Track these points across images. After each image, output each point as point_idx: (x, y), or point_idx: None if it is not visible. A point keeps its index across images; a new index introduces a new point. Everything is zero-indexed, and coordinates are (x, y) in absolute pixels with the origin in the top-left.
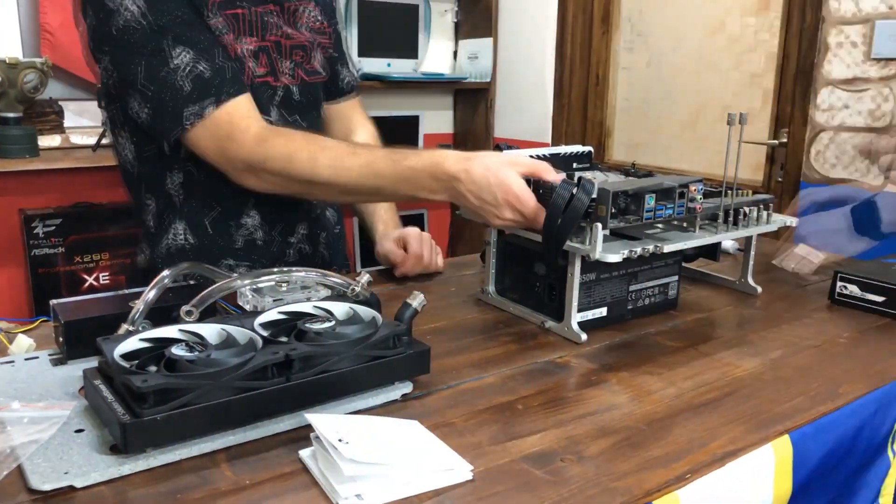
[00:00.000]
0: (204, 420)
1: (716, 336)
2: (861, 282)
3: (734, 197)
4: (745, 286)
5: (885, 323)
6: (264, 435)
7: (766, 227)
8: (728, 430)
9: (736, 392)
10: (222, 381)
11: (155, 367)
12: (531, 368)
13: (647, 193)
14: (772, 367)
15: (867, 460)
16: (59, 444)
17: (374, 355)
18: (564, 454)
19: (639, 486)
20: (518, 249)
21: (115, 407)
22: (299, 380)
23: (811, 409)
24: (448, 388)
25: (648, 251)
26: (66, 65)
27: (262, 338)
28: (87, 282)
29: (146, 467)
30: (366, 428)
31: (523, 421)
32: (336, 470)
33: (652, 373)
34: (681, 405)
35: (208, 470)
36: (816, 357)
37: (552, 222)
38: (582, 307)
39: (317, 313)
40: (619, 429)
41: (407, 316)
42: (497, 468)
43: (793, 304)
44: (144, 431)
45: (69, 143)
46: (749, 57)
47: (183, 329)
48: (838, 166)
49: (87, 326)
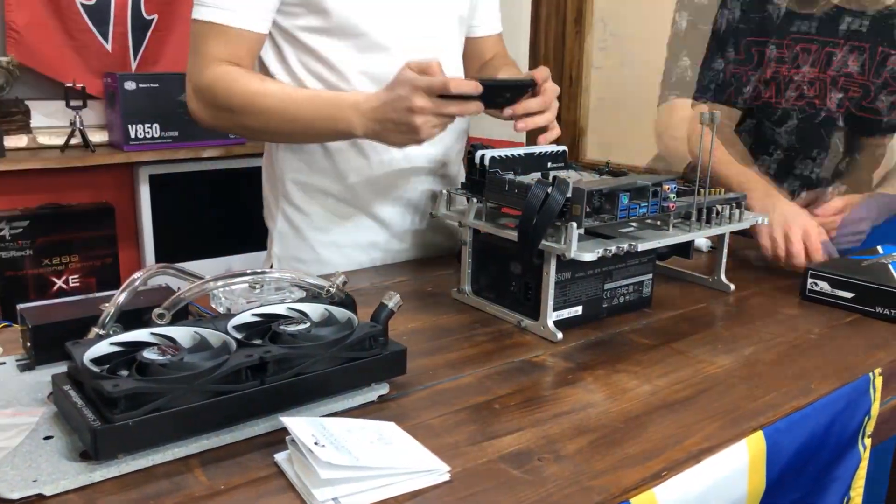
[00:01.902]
0: (177, 424)
1: (690, 333)
2: (832, 279)
3: (707, 195)
4: (718, 284)
5: (855, 319)
6: (239, 439)
7: (739, 225)
8: (703, 427)
9: (710, 389)
10: (195, 384)
11: (126, 372)
12: (508, 368)
13: (621, 192)
14: (745, 364)
15: (838, 454)
16: (28, 452)
17: (350, 357)
18: (541, 453)
19: (616, 485)
20: (494, 249)
21: (85, 412)
22: (274, 382)
23: (784, 404)
24: (425, 388)
25: (623, 250)
26: (33, 63)
27: (235, 340)
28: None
29: (118, 473)
30: (342, 430)
31: (500, 420)
32: (312, 473)
33: (627, 371)
34: (656, 403)
35: (182, 475)
36: (788, 353)
37: (527, 222)
38: (557, 306)
39: (291, 315)
40: (595, 427)
41: (383, 317)
42: (474, 468)
43: (765, 301)
44: (115, 437)
45: (36, 144)
46: None
47: (155, 332)
48: None
49: (55, 331)
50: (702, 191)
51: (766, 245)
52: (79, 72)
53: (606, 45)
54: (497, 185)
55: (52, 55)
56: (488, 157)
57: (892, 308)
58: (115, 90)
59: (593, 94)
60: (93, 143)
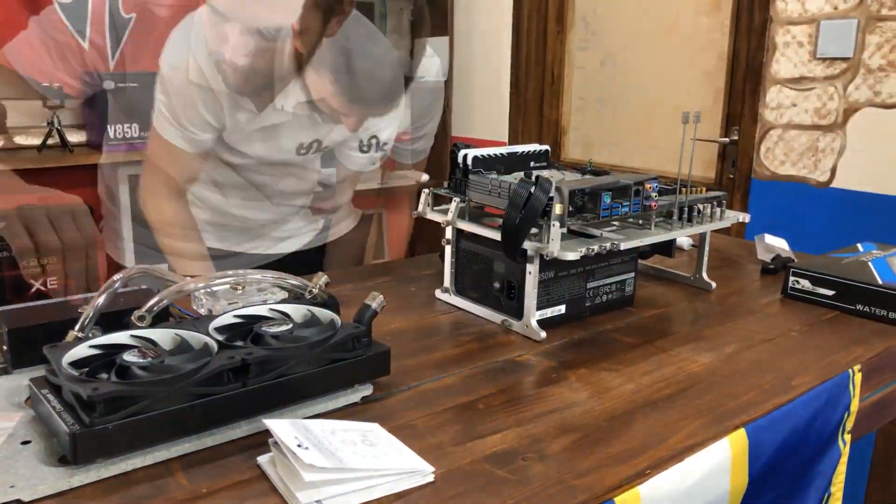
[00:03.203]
0: (158, 428)
1: (672, 332)
2: (812, 276)
3: (688, 194)
4: (699, 282)
5: (835, 315)
6: (221, 441)
7: (720, 224)
8: (686, 425)
9: (692, 387)
10: (177, 387)
11: (106, 375)
12: (491, 367)
13: (603, 191)
14: (727, 362)
15: (819, 450)
16: (5, 457)
17: (334, 358)
18: (526, 453)
19: (600, 483)
20: (477, 249)
21: (63, 417)
22: (256, 384)
23: (765, 401)
24: (409, 389)
25: (605, 249)
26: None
27: (217, 342)
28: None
29: (97, 478)
30: (325, 432)
31: (484, 420)
32: (295, 476)
33: (610, 369)
34: (639, 401)
35: (163, 479)
36: (769, 350)
37: (511, 221)
38: (541, 305)
39: (273, 316)
40: (579, 426)
41: (366, 317)
42: (459, 469)
43: (746, 299)
44: (95, 441)
45: (13, 144)
46: (701, 56)
47: (135, 335)
48: (787, 163)
49: (33, 334)
50: (683, 190)
51: None
52: (56, 71)
53: (587, 44)
54: (480, 185)
55: (28, 54)
56: (471, 157)
57: (872, 305)
58: (93, 90)
59: (575, 93)
60: (70, 144)
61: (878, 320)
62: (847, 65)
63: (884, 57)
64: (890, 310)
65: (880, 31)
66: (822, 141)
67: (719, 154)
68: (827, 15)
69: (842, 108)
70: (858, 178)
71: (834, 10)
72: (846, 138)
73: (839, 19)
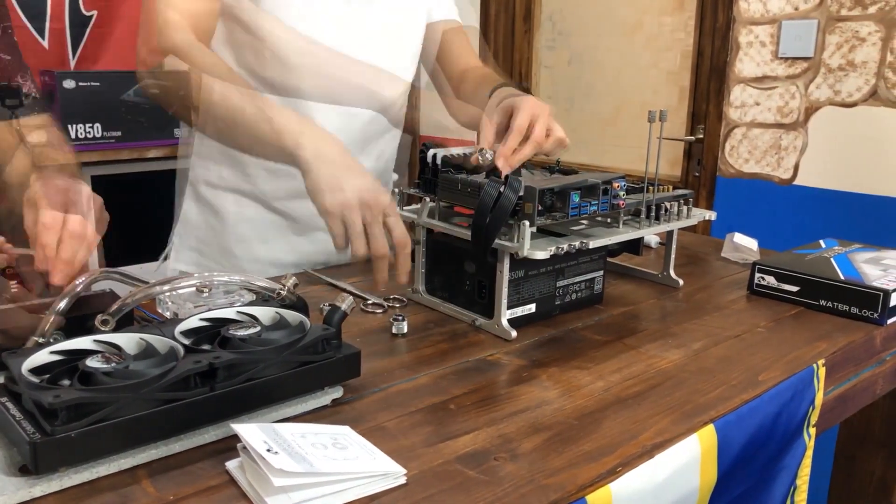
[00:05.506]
0: (123, 435)
1: (641, 329)
2: (778, 273)
3: (655, 192)
4: (667, 279)
5: (799, 311)
6: (188, 447)
7: (687, 222)
8: (656, 422)
9: (662, 384)
10: (142, 392)
11: (68, 382)
12: (463, 367)
13: (572, 191)
14: (695, 358)
15: (785, 444)
16: None
17: (303, 361)
18: (497, 453)
19: (572, 482)
20: (448, 248)
21: (23, 425)
22: (224, 389)
23: (733, 397)
24: (380, 391)
25: (575, 247)
26: None
27: (183, 346)
28: None
29: (59, 488)
30: (295, 436)
31: (456, 421)
32: (265, 482)
33: (581, 367)
34: (609, 398)
35: (128, 487)
36: (736, 346)
37: (480, 220)
38: (511, 304)
39: (241, 319)
40: (550, 424)
41: (336, 319)
42: (431, 470)
43: (713, 296)
44: (57, 450)
45: None
46: (666, 55)
47: (98, 339)
48: (751, 161)
49: None
50: (650, 188)
51: None
52: (13, 69)
53: (554, 43)
54: (450, 185)
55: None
56: (440, 156)
57: (835, 300)
58: (53, 89)
59: (542, 92)
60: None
61: (841, 315)
62: (808, 64)
63: (843, 57)
64: (852, 305)
65: (840, 31)
66: (785, 139)
67: (685, 152)
68: (788, 15)
69: (803, 106)
70: (820, 176)
71: (795, 10)
72: (808, 136)
73: (800, 20)
